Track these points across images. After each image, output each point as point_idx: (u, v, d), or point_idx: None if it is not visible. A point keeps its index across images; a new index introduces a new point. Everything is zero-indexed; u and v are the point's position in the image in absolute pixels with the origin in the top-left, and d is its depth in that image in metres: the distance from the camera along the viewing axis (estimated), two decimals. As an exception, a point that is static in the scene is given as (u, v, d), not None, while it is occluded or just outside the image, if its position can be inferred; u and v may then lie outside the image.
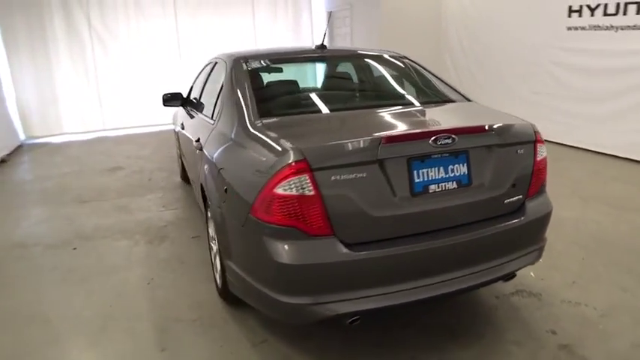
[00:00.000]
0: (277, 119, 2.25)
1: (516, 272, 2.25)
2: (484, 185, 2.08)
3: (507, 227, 2.12)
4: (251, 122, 2.21)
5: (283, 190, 1.76)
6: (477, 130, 2.05)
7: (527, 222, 2.18)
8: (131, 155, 6.55)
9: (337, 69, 3.00)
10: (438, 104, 2.66)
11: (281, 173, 1.76)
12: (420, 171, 1.94)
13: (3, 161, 6.30)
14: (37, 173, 5.85)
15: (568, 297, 2.68)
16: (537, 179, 2.27)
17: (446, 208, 1.99)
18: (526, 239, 2.25)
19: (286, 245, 1.80)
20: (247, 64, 2.69)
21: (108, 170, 5.78)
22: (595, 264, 3.05)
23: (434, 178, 1.97)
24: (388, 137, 1.86)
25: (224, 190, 2.16)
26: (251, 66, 2.68)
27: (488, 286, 2.49)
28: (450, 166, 2.00)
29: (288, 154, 1.78)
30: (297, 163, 1.75)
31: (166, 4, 8.44)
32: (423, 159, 1.94)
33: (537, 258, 2.33)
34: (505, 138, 2.12)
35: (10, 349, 2.36)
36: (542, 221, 2.27)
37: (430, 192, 1.96)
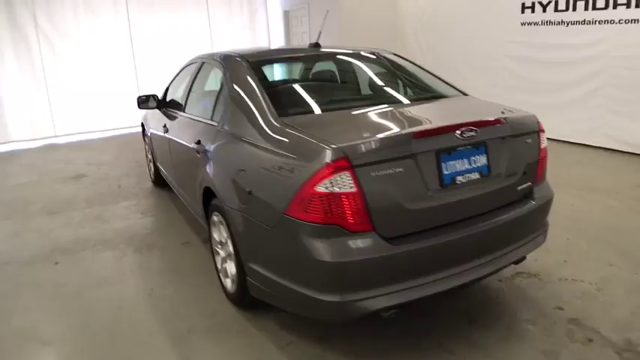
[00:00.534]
0: (298, 118, 2.22)
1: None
2: (501, 174, 2.18)
3: (523, 212, 2.23)
4: (271, 122, 2.16)
5: (325, 188, 1.75)
6: (495, 123, 2.14)
7: (537, 206, 2.31)
8: (92, 162, 6.19)
9: (343, 67, 3.00)
10: (443, 99, 2.72)
11: (322, 171, 1.74)
12: (448, 163, 1.99)
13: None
14: (-11, 185, 5.39)
15: (564, 275, 2.86)
16: (542, 166, 2.40)
17: (471, 198, 2.06)
18: (535, 222, 2.38)
19: (328, 243, 1.79)
20: (251, 64, 2.63)
21: (71, 178, 5.43)
22: (579, 243, 3.27)
23: (459, 170, 2.03)
24: (421, 131, 1.90)
25: (247, 192, 2.10)
26: (256, 66, 2.62)
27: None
28: (473, 158, 2.08)
29: (328, 152, 1.77)
30: (338, 161, 1.75)
31: (118, 2, 8.02)
32: (450, 151, 2.00)
33: (544, 240, 2.47)
34: (516, 129, 2.23)
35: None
36: (547, 205, 2.41)
37: (457, 183, 2.02)
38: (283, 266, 1.99)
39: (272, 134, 2.10)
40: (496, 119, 2.15)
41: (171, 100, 4.02)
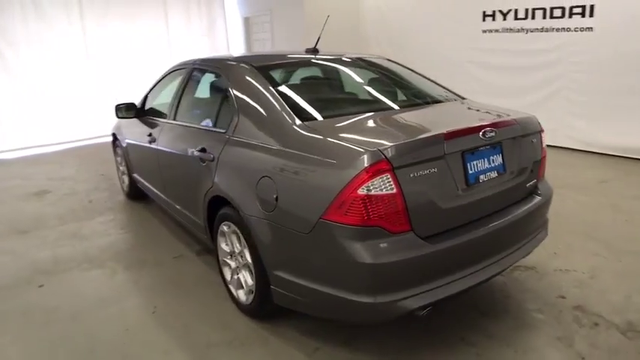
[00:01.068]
0: (321, 122, 2.22)
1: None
2: (514, 172, 2.29)
3: (533, 207, 2.36)
4: (295, 127, 2.15)
5: (367, 191, 1.76)
6: (511, 124, 2.25)
7: (544, 201, 2.45)
8: (53, 177, 5.81)
9: (350, 72, 3.02)
10: (448, 102, 2.81)
11: (363, 174, 1.76)
12: (472, 163, 2.07)
13: None
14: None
15: (557, 266, 3.03)
16: (543, 164, 2.56)
17: (491, 196, 2.15)
18: (541, 217, 2.52)
19: (370, 245, 1.80)
20: (259, 70, 2.59)
21: (33, 195, 5.07)
22: (563, 236, 3.48)
23: (481, 169, 2.12)
24: (451, 132, 1.96)
25: (273, 199, 2.07)
26: (264, 71, 2.59)
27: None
28: (491, 157, 2.17)
29: (369, 155, 1.78)
30: (379, 163, 1.77)
31: (71, 9, 7.61)
32: (473, 152, 2.08)
33: (546, 234, 2.62)
34: (524, 129, 2.36)
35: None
36: (550, 200, 2.56)
37: (480, 182, 2.11)
38: (318, 271, 1.98)
39: (299, 139, 2.08)
40: (512, 120, 2.27)
41: (152, 109, 3.88)
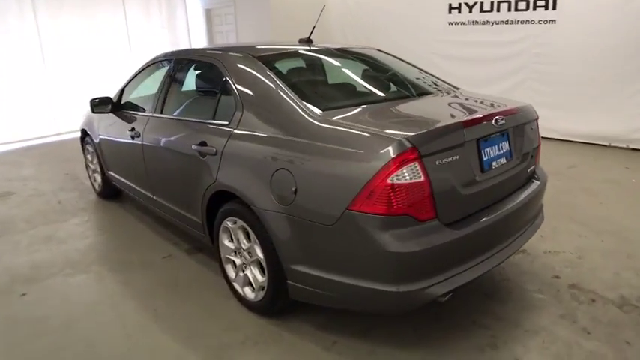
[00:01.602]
0: (338, 112, 2.18)
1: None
2: (519, 158, 2.37)
3: (535, 192, 2.45)
4: (313, 118, 2.10)
5: (397, 180, 1.75)
6: (515, 112, 2.32)
7: (542, 186, 2.55)
8: (12, 178, 5.41)
9: (352, 62, 2.99)
10: (446, 92, 2.83)
11: (393, 163, 1.75)
12: (486, 150, 2.12)
13: None
14: None
15: (546, 248, 3.17)
16: (539, 150, 2.65)
17: (502, 182, 2.21)
18: (539, 201, 2.62)
19: (399, 234, 1.80)
20: (262, 60, 2.51)
21: (-6, 198, 4.70)
22: (547, 219, 3.61)
23: (493, 156, 2.17)
24: (469, 120, 1.99)
25: (292, 192, 2.02)
26: (268, 62, 2.51)
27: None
28: (500, 144, 2.23)
29: (397, 144, 1.77)
30: (408, 152, 1.76)
31: (22, 2, 7.07)
32: (486, 139, 2.12)
33: (543, 218, 2.73)
34: (525, 117, 2.43)
35: None
36: (545, 185, 2.67)
37: (492, 168, 2.16)
38: (342, 262, 1.95)
39: (318, 130, 2.04)
40: (516, 108, 2.33)
41: (130, 103, 3.68)
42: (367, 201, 1.79)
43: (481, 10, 6.29)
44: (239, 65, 2.56)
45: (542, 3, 5.66)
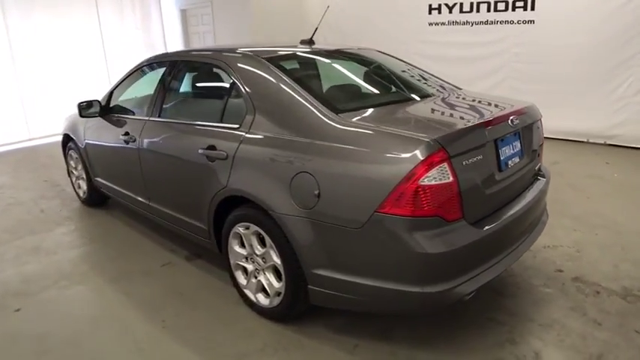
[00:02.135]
0: (356, 113, 2.16)
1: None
2: (529, 157, 2.42)
3: (543, 188, 2.52)
4: (332, 120, 2.07)
5: (428, 181, 1.75)
6: (525, 112, 2.37)
7: (547, 183, 2.61)
8: (-15, 187, 5.13)
9: (359, 64, 2.97)
10: (453, 92, 2.84)
11: (423, 164, 1.74)
12: (502, 149, 2.15)
13: None
14: None
15: (545, 243, 3.25)
16: (542, 148, 2.72)
17: (516, 180, 2.26)
18: (545, 197, 2.68)
19: (430, 235, 1.80)
20: (270, 61, 2.46)
21: (-32, 208, 4.44)
22: (539, 214, 3.75)
23: (508, 155, 2.21)
24: (490, 120, 2.02)
25: (314, 195, 1.99)
26: (276, 63, 2.46)
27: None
28: (514, 143, 2.27)
29: (426, 145, 1.77)
30: (437, 153, 1.77)
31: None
32: (503, 138, 2.15)
33: (547, 215, 2.79)
34: (532, 117, 2.49)
35: None
36: (549, 181, 2.74)
37: (508, 167, 2.19)
38: (368, 265, 1.94)
39: (342, 132, 2.01)
40: (525, 108, 2.39)
41: (121, 106, 3.55)
42: (397, 203, 1.78)
43: (461, 11, 6.42)
44: (247, 67, 2.50)
45: (521, 4, 5.83)
